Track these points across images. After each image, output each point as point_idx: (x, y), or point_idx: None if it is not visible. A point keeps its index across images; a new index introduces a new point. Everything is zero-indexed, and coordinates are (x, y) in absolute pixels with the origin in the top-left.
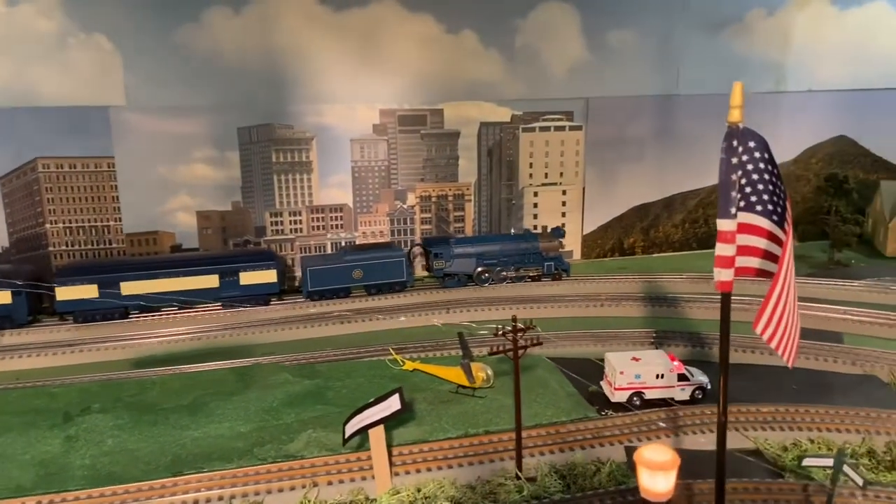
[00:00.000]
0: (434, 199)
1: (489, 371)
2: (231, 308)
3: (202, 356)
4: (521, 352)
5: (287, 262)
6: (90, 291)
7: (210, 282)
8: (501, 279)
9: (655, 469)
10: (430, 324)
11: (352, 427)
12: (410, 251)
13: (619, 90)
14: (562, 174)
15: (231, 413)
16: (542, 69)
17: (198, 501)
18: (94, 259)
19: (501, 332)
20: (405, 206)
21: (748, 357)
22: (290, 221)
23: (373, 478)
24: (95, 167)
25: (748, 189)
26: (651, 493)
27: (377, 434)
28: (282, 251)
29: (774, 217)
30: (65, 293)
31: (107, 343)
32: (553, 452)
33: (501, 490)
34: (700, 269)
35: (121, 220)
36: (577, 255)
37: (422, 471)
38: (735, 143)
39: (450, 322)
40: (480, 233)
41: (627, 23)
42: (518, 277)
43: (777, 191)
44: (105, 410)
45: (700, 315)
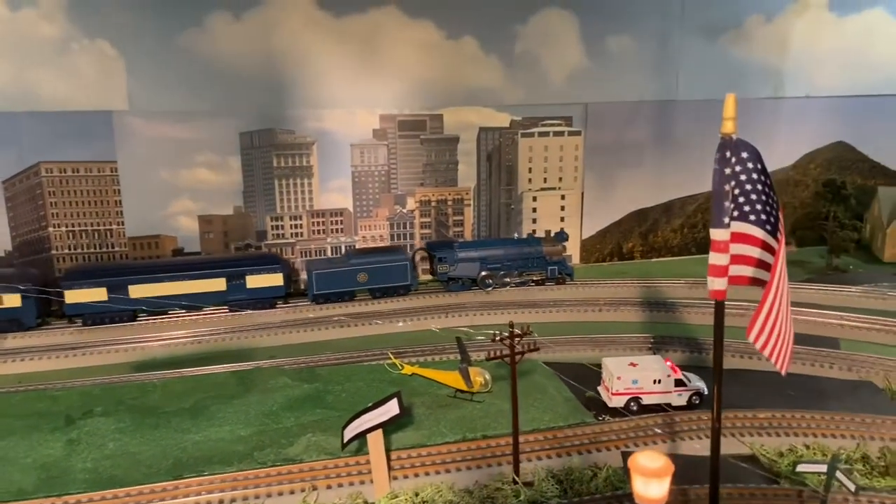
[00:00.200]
0: (433, 204)
1: (487, 376)
2: (237, 311)
3: (203, 359)
4: (519, 357)
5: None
6: (99, 294)
7: (217, 285)
8: (505, 283)
9: (649, 476)
10: (427, 328)
11: (350, 431)
12: (414, 255)
13: (618, 96)
14: (561, 179)
15: (232, 417)
16: (542, 75)
17: None
18: (103, 262)
19: (499, 338)
20: (405, 211)
21: (744, 363)
22: (291, 226)
23: (371, 482)
24: (98, 171)
25: (741, 199)
26: (645, 500)
27: (376, 438)
28: (282, 255)
29: (768, 227)
30: (74, 296)
31: (108, 346)
32: (550, 457)
33: (499, 495)
34: (698, 275)
35: (123, 224)
36: (576, 260)
37: (420, 475)
38: (728, 154)
39: (449, 326)
40: (480, 237)
41: (626, 29)
42: (521, 282)
43: (770, 200)
44: (107, 414)
45: (698, 321)
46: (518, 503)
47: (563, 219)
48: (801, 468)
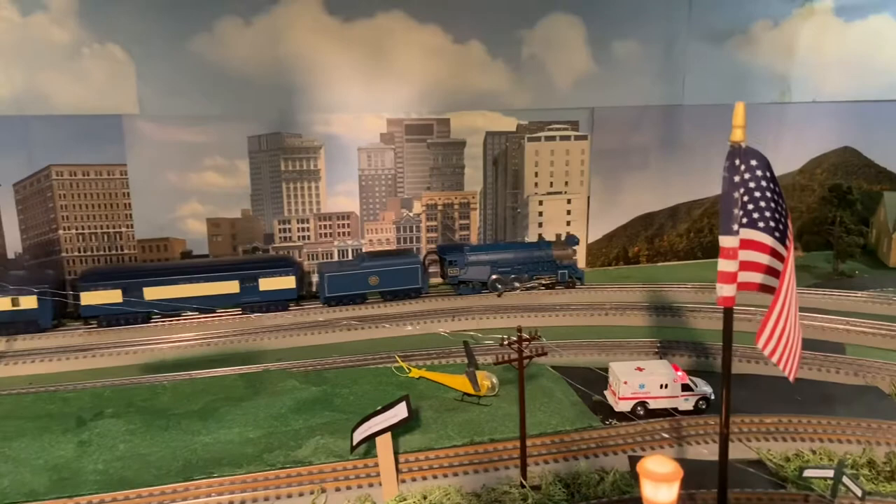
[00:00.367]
0: (440, 208)
1: (494, 379)
2: (250, 313)
3: (212, 362)
4: (526, 361)
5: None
6: (114, 296)
7: (231, 287)
8: (515, 287)
9: (658, 481)
10: (435, 332)
11: (360, 434)
12: (426, 258)
13: (625, 100)
14: (567, 183)
15: (241, 419)
16: (548, 79)
17: None
18: (118, 264)
19: (507, 342)
20: (411, 215)
21: (751, 367)
22: (298, 229)
23: (380, 485)
24: (108, 175)
25: (750, 206)
26: None
27: (384, 441)
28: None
29: (776, 234)
30: (90, 298)
31: (118, 348)
32: (557, 461)
33: (506, 498)
34: (704, 279)
35: (132, 227)
36: (582, 264)
37: (428, 478)
38: (737, 162)
39: (457, 330)
40: (486, 241)
41: (632, 34)
42: (531, 286)
43: (779, 208)
44: (117, 415)
45: (704, 325)
46: None
47: (569, 223)
48: (808, 473)
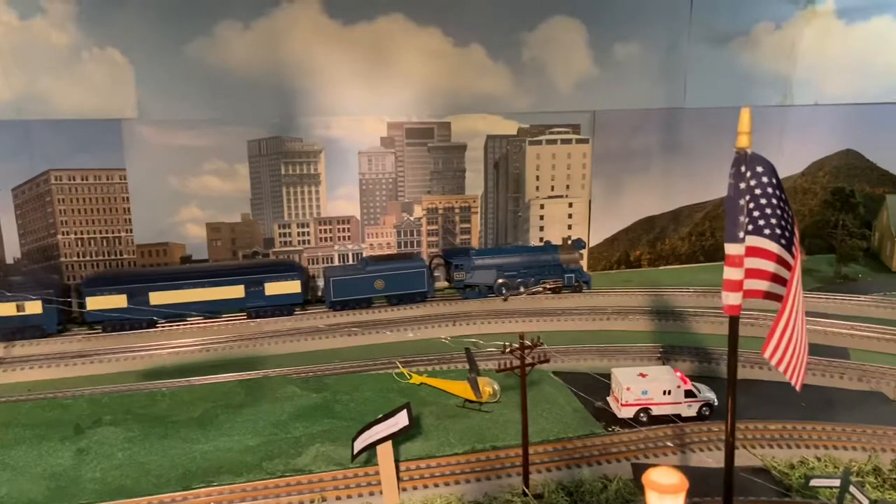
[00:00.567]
0: (441, 212)
1: (496, 386)
2: (254, 318)
3: (211, 368)
4: (528, 368)
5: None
6: (119, 301)
7: (236, 292)
8: (521, 291)
9: (664, 492)
10: (437, 337)
11: (360, 443)
12: (431, 262)
13: (626, 103)
14: (568, 187)
15: (240, 426)
16: (549, 82)
17: None
18: (123, 269)
19: (509, 350)
20: (412, 219)
21: (755, 373)
22: (299, 233)
23: (380, 493)
24: (107, 179)
25: (756, 213)
26: None
27: (385, 450)
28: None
29: (783, 241)
30: (95, 303)
31: (117, 354)
32: (560, 469)
33: None
34: (707, 283)
35: (132, 232)
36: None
37: (429, 486)
38: (743, 169)
39: (459, 335)
40: (486, 245)
41: (634, 36)
42: (536, 290)
43: (785, 215)
44: (116, 423)
45: (707, 330)
46: None
47: (571, 226)
48: (815, 483)
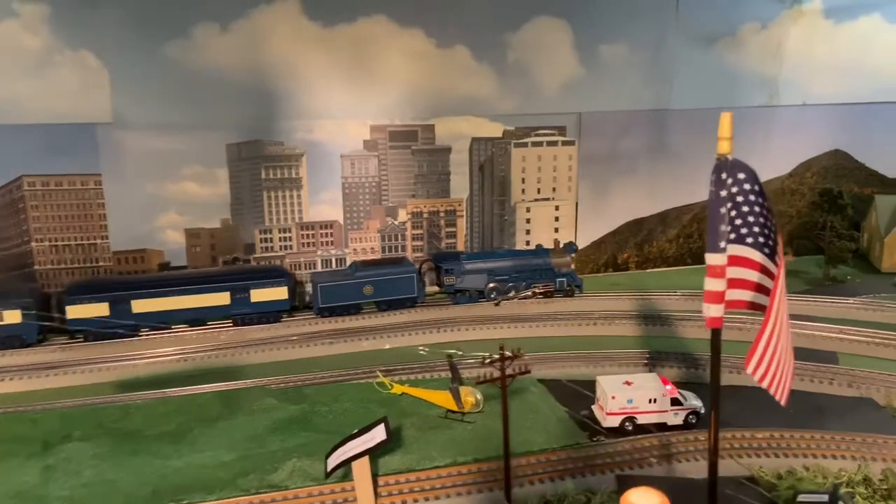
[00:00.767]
0: (425, 216)
1: (479, 395)
2: (240, 326)
3: (188, 378)
4: (509, 380)
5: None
6: (101, 310)
7: (221, 299)
8: (511, 296)
9: None
10: (420, 345)
11: (335, 459)
12: (421, 267)
13: (612, 104)
14: (555, 189)
15: (215, 441)
16: (535, 84)
17: None
18: (105, 276)
19: (489, 361)
20: (396, 223)
21: (742, 379)
22: (280, 238)
23: None
24: (82, 185)
25: (738, 221)
26: None
27: (361, 466)
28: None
29: (766, 250)
30: (76, 312)
31: (92, 365)
32: (543, 482)
33: None
34: (695, 286)
35: (108, 238)
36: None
37: (408, 502)
38: (724, 176)
39: (441, 342)
40: (472, 249)
41: (620, 37)
42: (527, 294)
43: (768, 223)
44: (86, 438)
45: (694, 335)
46: None
47: (558, 229)
48: (802, 498)
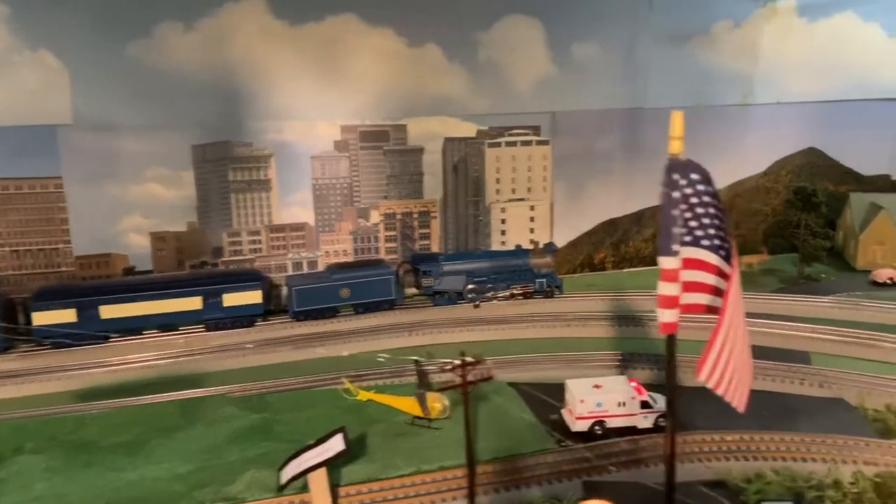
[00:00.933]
0: (399, 217)
1: (446, 401)
2: (213, 331)
3: (149, 387)
4: (470, 387)
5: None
6: (69, 316)
7: (193, 304)
8: (490, 297)
9: None
10: (388, 348)
11: (290, 471)
12: (399, 269)
13: (587, 104)
14: (529, 190)
15: (171, 452)
16: (508, 83)
17: None
18: (74, 282)
19: (450, 368)
20: (369, 225)
21: None
22: (249, 241)
23: None
24: (42, 188)
25: (693, 223)
26: None
27: (318, 478)
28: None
29: (721, 252)
30: (42, 318)
31: (51, 374)
32: (509, 489)
33: None
34: None
35: (70, 243)
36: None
37: None
38: (676, 177)
39: (414, 346)
40: (447, 251)
41: (593, 36)
42: (505, 296)
43: (723, 225)
44: (38, 451)
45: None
46: None
47: (533, 230)
48: None
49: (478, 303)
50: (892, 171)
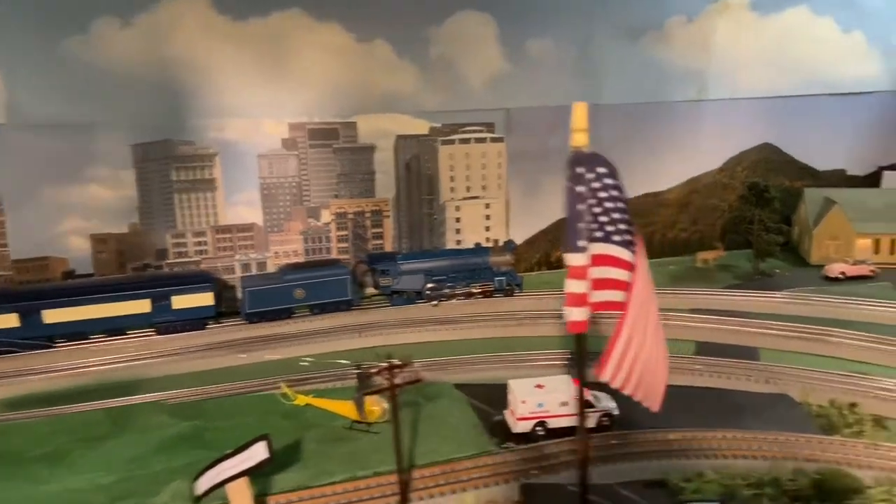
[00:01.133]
0: (350, 216)
1: (385, 405)
2: (163, 334)
3: (82, 394)
4: (398, 390)
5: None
6: (10, 321)
7: (141, 307)
8: (449, 296)
9: None
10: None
11: (207, 482)
12: (355, 268)
13: (541, 100)
14: (484, 187)
15: (95, 462)
16: (460, 80)
17: None
18: (20, 286)
19: (375, 371)
20: (320, 224)
21: None
22: (195, 243)
23: None
24: None
25: (603, 218)
26: None
27: (238, 488)
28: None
29: (632, 247)
30: None
31: None
32: (444, 494)
33: None
34: None
35: (7, 247)
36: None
37: None
38: (582, 170)
39: (363, 347)
40: (401, 250)
41: (547, 32)
42: (464, 294)
43: (630, 219)
44: None
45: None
46: None
47: (489, 228)
48: None
49: (436, 302)
50: (847, 167)
